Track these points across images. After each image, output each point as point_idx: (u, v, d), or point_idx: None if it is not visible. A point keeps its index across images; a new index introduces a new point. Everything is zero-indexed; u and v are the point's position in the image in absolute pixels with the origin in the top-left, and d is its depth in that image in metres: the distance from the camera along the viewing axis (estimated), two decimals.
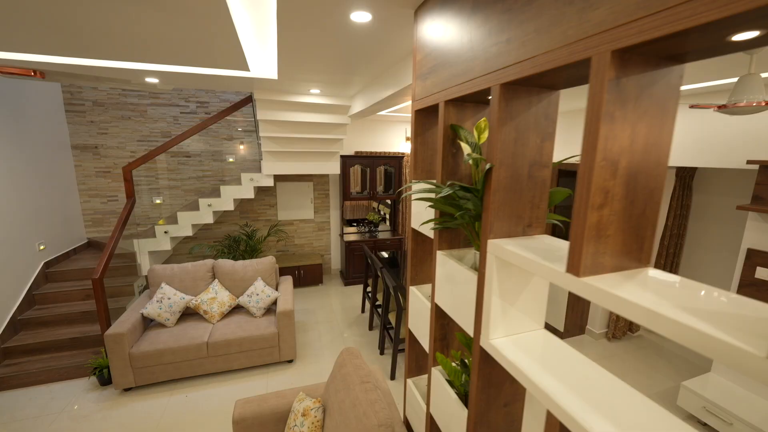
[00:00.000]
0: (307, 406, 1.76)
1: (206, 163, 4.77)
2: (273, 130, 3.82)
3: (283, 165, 4.18)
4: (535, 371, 0.80)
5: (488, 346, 0.95)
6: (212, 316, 3.25)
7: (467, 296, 1.05)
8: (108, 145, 4.37)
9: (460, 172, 1.19)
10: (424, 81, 1.27)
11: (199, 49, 2.18)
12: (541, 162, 0.94)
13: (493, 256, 0.91)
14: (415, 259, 1.48)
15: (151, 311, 3.08)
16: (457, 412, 1.15)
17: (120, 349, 2.77)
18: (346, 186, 5.11)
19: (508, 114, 0.88)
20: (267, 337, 3.14)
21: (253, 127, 4.88)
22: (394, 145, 5.69)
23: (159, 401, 2.81)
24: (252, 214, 5.10)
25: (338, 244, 5.68)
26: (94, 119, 4.28)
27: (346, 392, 1.69)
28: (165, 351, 2.88)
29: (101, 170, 4.40)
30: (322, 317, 4.26)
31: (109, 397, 2.85)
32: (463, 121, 1.16)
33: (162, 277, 3.31)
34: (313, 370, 3.24)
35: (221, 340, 3.02)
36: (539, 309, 0.99)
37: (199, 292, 3.38)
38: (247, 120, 4.85)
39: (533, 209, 0.96)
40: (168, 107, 4.51)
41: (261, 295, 3.38)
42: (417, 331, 1.47)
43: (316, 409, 1.74)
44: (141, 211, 4.62)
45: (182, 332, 3.04)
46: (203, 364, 3.02)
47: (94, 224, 4.47)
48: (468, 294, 1.04)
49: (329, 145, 4.25)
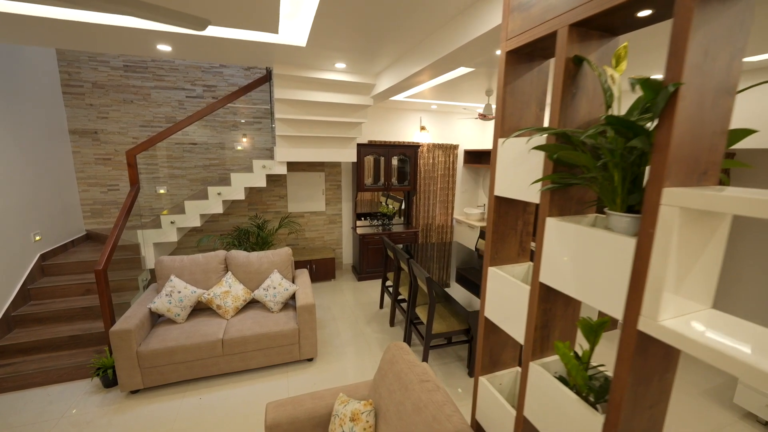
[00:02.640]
0: (356, 410, 1.52)
1: (213, 151, 4.50)
2: (290, 111, 3.54)
3: (298, 151, 3.93)
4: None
5: (655, 330, 0.72)
6: (226, 311, 2.99)
7: (609, 268, 0.82)
8: (108, 130, 4.09)
9: (579, 117, 0.96)
10: (526, 10, 1.04)
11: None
12: (728, 86, 0.71)
13: (675, 209, 0.68)
14: (496, 235, 1.25)
15: (159, 306, 2.81)
16: (580, 417, 0.92)
17: (127, 347, 2.51)
18: (360, 176, 4.87)
19: (703, 18, 0.65)
20: (287, 333, 2.89)
21: (263, 114, 4.63)
22: (408, 135, 5.46)
23: (170, 404, 2.55)
24: (261, 206, 4.84)
25: (350, 237, 5.43)
26: (93, 102, 4.00)
27: (403, 393, 1.45)
28: (176, 349, 2.62)
29: (101, 157, 4.11)
30: (338, 313, 4.01)
31: (115, 400, 2.58)
32: (587, 54, 0.93)
33: (171, 269, 3.04)
34: (335, 368, 2.99)
35: (237, 337, 2.76)
36: (710, 281, 0.77)
37: (211, 285, 3.11)
38: (257, 107, 4.59)
39: (711, 152, 0.74)
40: (173, 91, 4.23)
41: (278, 289, 3.13)
42: (500, 319, 1.24)
43: (367, 412, 1.50)
44: (144, 202, 4.34)
45: (194, 329, 2.78)
46: (218, 363, 2.76)
47: (93, 215, 4.18)
48: (610, 265, 0.82)
49: (348, 129, 3.98)
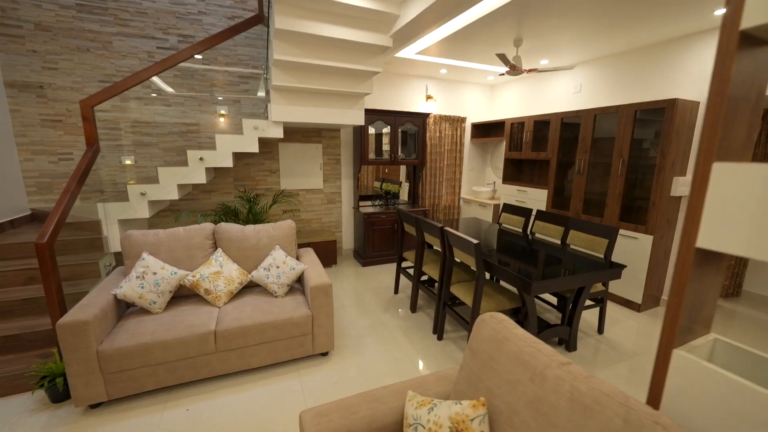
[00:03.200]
0: (457, 414, 0.96)
1: (191, 115, 3.79)
2: (291, 51, 2.85)
3: (297, 110, 3.30)
4: None
5: None
6: (217, 296, 2.35)
7: None
8: (58, 84, 3.30)
9: None
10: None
11: None
12: None
13: None
14: (683, 305, 0.74)
15: (128, 291, 2.14)
16: None
17: (82, 345, 1.83)
18: (364, 148, 4.29)
19: None
20: (297, 321, 2.29)
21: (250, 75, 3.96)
22: (413, 105, 4.93)
23: (146, 420, 1.89)
24: (249, 182, 4.17)
25: (351, 219, 4.84)
26: (37, 48, 3.20)
27: (541, 383, 0.92)
28: (153, 346, 1.97)
29: (49, 118, 3.32)
30: (347, 301, 3.43)
31: (67, 419, 1.90)
32: None
33: (142, 245, 2.36)
34: (358, 364, 2.42)
35: (235, 327, 2.14)
36: None
37: (196, 265, 2.46)
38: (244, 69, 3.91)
39: None
40: (140, 39, 3.49)
41: (283, 268, 2.51)
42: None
43: (480, 418, 0.95)
44: (106, 175, 3.57)
45: (177, 319, 2.13)
46: (210, 363, 2.12)
47: (40, 190, 3.37)
48: None
49: (358, 82, 3.33)
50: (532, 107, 4.77)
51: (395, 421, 1.16)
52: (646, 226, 3.14)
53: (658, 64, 3.34)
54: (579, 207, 3.70)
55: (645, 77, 3.47)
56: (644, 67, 3.47)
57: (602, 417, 0.78)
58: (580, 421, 0.81)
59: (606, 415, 0.78)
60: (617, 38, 3.25)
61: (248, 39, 3.89)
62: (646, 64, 3.45)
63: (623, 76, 3.67)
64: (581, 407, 0.82)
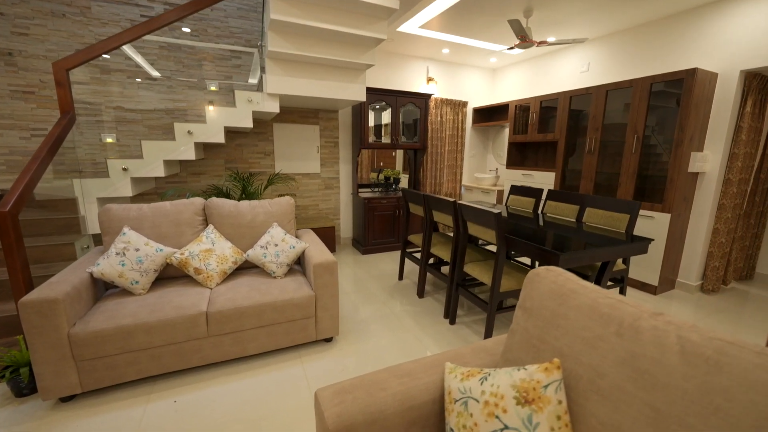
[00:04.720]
0: (527, 381, 0.76)
1: (178, 91, 3.52)
2: (290, 12, 2.57)
3: (295, 82, 3.06)
4: None
5: None
6: (209, 276, 2.10)
7: None
8: (30, 52, 3.00)
9: None
10: None
11: None
12: None
13: None
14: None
15: (106, 269, 1.88)
16: None
17: (50, 327, 1.57)
18: (363, 129, 4.08)
19: None
20: (299, 302, 2.06)
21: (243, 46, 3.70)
22: (414, 87, 4.73)
23: (127, 414, 1.64)
24: (242, 164, 3.91)
25: (349, 206, 4.61)
26: (5, 11, 2.90)
27: (625, 337, 0.72)
28: (135, 329, 1.72)
29: (20, 89, 3.02)
30: (349, 288, 3.20)
31: (32, 414, 1.63)
32: None
33: (124, 219, 2.10)
34: (367, 349, 2.20)
35: (230, 308, 1.90)
36: None
37: (184, 243, 2.21)
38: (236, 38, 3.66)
39: None
40: (122, 6, 3.21)
41: (282, 246, 2.28)
42: None
43: (556, 384, 0.75)
44: (84, 154, 3.28)
45: (162, 300, 1.88)
46: (202, 349, 1.88)
47: (9, 169, 3.07)
48: None
49: (360, 51, 3.06)
50: (536, 90, 4.61)
51: (433, 398, 0.94)
52: (663, 204, 3.00)
53: (669, 37, 3.21)
54: (590, 188, 3.55)
55: (655, 53, 3.33)
56: (653, 42, 3.34)
57: (735, 370, 0.59)
58: (703, 377, 0.61)
59: (742, 367, 0.59)
60: (631, 8, 3.10)
61: (241, 11, 3.64)
62: (655, 38, 3.32)
63: (631, 54, 3.53)
64: (701, 360, 0.62)
